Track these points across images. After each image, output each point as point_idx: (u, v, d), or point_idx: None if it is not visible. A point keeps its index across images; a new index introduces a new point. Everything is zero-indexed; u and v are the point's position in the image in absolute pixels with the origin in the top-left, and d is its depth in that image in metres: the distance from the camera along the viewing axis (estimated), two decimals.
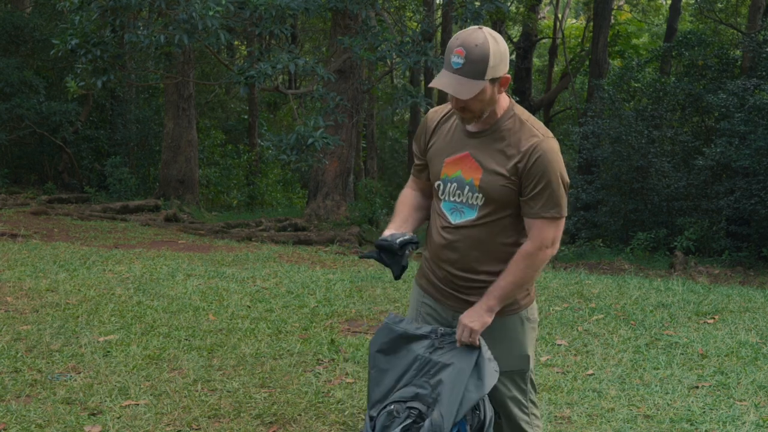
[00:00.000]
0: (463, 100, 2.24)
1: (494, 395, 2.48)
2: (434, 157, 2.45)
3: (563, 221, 2.36)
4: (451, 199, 2.40)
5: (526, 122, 2.33)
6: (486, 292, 2.36)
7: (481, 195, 2.35)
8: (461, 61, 2.18)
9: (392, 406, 2.39)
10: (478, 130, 2.36)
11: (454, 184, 2.39)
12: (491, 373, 2.34)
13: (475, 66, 2.18)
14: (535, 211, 2.31)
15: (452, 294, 2.46)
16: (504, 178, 2.31)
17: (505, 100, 2.35)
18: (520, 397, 2.50)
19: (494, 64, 2.19)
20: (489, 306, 2.35)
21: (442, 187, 2.42)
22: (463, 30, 2.24)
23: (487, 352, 2.37)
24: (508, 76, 2.28)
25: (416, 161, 2.56)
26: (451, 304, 2.47)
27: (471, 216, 2.37)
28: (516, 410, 2.50)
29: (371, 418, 2.42)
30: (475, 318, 2.34)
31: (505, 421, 2.51)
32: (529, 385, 2.52)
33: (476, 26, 2.24)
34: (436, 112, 2.51)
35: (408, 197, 2.58)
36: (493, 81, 2.23)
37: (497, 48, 2.20)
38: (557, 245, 2.38)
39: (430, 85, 2.27)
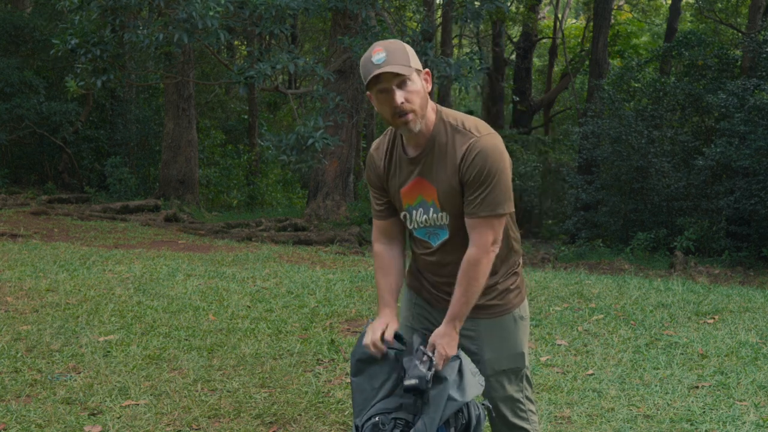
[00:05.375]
0: (404, 97, 2.21)
1: (491, 394, 2.48)
2: (392, 191, 2.46)
3: (504, 219, 2.32)
4: (421, 225, 2.42)
5: (458, 127, 2.31)
6: (448, 310, 2.35)
7: (444, 213, 2.36)
8: (383, 55, 2.21)
9: (377, 418, 2.38)
10: (417, 154, 2.35)
11: (420, 209, 2.39)
12: (474, 385, 2.34)
13: (397, 55, 2.21)
14: (474, 209, 2.28)
15: (444, 299, 2.47)
16: (456, 189, 2.30)
17: (431, 115, 2.33)
18: (516, 395, 2.50)
19: (411, 55, 2.24)
20: (456, 326, 2.35)
21: (409, 217, 2.43)
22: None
23: (470, 365, 2.38)
24: (428, 71, 2.31)
25: (377, 203, 2.52)
26: (443, 307, 2.46)
27: (445, 236, 2.40)
28: (512, 408, 2.51)
29: (357, 428, 2.42)
30: (449, 340, 2.34)
31: (501, 419, 2.52)
32: (524, 383, 2.53)
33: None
34: (377, 149, 2.50)
35: (384, 264, 2.51)
36: (417, 72, 2.25)
37: (409, 47, 2.27)
38: (499, 243, 2.34)
39: (371, 77, 2.20)
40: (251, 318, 5.30)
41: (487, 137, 2.27)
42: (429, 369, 2.30)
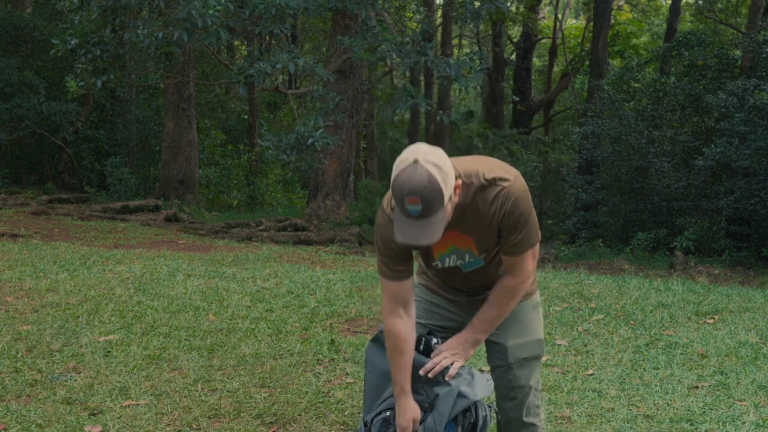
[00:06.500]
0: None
1: (510, 384, 2.51)
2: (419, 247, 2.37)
3: (538, 245, 2.40)
4: (455, 266, 2.44)
5: (481, 183, 2.25)
6: (469, 324, 2.40)
7: (482, 255, 2.39)
8: (419, 207, 2.06)
9: (387, 413, 2.39)
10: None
11: (453, 256, 2.41)
12: (485, 386, 2.36)
13: (433, 203, 2.07)
14: (512, 249, 2.33)
15: (465, 293, 2.53)
16: (493, 234, 2.33)
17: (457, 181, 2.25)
18: (535, 385, 2.55)
19: (447, 187, 2.10)
20: (476, 340, 2.40)
21: (440, 265, 2.44)
22: (402, 169, 2.07)
23: (483, 373, 2.43)
24: (458, 182, 2.18)
25: (397, 265, 2.32)
26: (464, 303, 2.54)
27: (479, 264, 2.42)
28: (528, 401, 2.54)
29: (366, 424, 2.42)
30: (460, 351, 2.38)
31: (514, 414, 2.53)
32: (538, 375, 2.59)
33: (412, 160, 2.07)
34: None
35: (400, 343, 2.32)
36: (450, 198, 2.15)
37: (442, 173, 2.08)
38: (535, 268, 2.43)
39: (397, 240, 2.13)
40: (251, 318, 5.30)
41: (515, 181, 2.26)
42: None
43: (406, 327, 2.33)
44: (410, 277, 2.34)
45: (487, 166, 2.28)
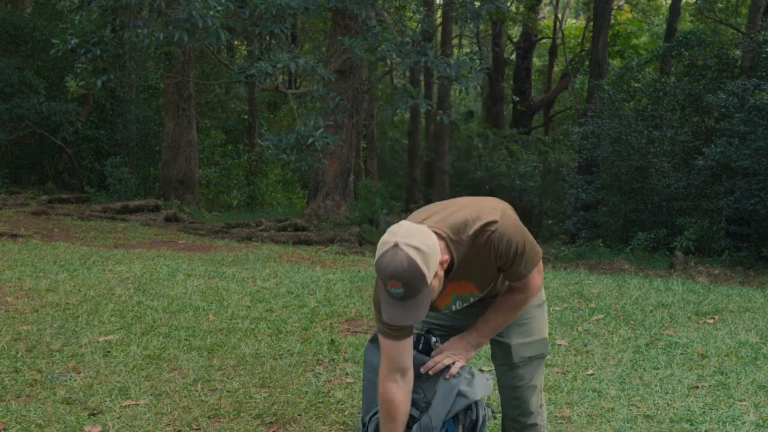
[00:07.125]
0: None
1: (516, 384, 2.51)
2: None
3: (541, 261, 2.40)
4: (459, 309, 2.45)
5: (469, 235, 2.21)
6: (474, 326, 2.40)
7: (484, 292, 2.40)
8: (400, 291, 2.07)
9: None
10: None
11: (458, 302, 2.41)
12: (485, 385, 2.36)
13: (415, 284, 2.06)
14: (520, 276, 2.32)
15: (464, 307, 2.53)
16: (494, 273, 2.32)
17: (444, 255, 2.18)
18: (538, 384, 2.54)
19: (428, 267, 2.07)
20: (479, 342, 2.40)
21: (448, 311, 2.46)
22: (383, 253, 2.07)
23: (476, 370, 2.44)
24: (444, 258, 2.15)
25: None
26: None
27: (480, 296, 2.42)
28: (532, 401, 2.54)
29: (364, 424, 2.43)
30: (462, 352, 2.38)
31: (519, 412, 2.53)
32: (541, 373, 2.58)
33: (392, 243, 2.06)
34: None
35: (394, 409, 2.27)
36: (435, 275, 2.13)
37: (422, 255, 2.05)
38: (542, 279, 2.44)
39: (384, 319, 2.13)
40: (251, 318, 5.30)
41: (502, 220, 2.22)
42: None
43: (401, 394, 2.28)
44: (410, 337, 2.28)
45: (472, 212, 2.22)
